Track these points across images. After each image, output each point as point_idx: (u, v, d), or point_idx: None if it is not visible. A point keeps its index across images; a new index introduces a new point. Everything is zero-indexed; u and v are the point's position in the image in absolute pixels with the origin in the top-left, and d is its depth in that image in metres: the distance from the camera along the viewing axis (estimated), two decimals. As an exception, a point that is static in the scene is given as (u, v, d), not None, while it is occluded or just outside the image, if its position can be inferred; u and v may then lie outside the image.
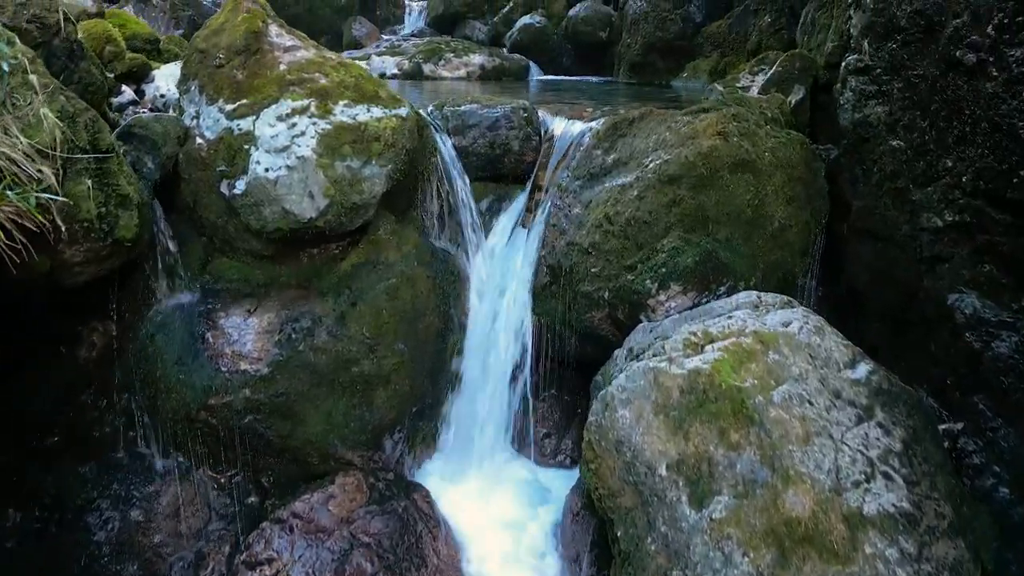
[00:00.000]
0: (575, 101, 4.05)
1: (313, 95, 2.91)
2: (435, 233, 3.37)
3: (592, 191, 3.00)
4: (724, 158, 2.78)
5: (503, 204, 3.45)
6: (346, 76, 3.03)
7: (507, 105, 3.44)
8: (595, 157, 3.10)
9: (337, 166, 2.76)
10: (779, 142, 2.94)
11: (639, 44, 5.89)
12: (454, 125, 3.39)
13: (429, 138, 3.30)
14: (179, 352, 2.62)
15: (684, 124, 2.97)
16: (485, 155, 3.40)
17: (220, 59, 3.02)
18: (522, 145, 3.40)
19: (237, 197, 2.74)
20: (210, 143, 2.84)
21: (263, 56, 3.07)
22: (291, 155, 2.72)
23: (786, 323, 2.23)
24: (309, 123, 2.81)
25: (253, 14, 3.11)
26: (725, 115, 2.93)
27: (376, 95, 3.01)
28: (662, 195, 2.76)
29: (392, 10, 8.24)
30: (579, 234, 2.92)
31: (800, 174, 2.96)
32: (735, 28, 5.11)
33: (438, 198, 3.38)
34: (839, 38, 3.17)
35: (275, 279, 2.95)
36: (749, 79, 4.00)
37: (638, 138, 3.07)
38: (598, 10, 6.63)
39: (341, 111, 2.87)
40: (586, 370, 3.16)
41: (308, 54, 3.12)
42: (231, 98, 2.92)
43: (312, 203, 2.71)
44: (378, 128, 2.87)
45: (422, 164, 3.27)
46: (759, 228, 2.81)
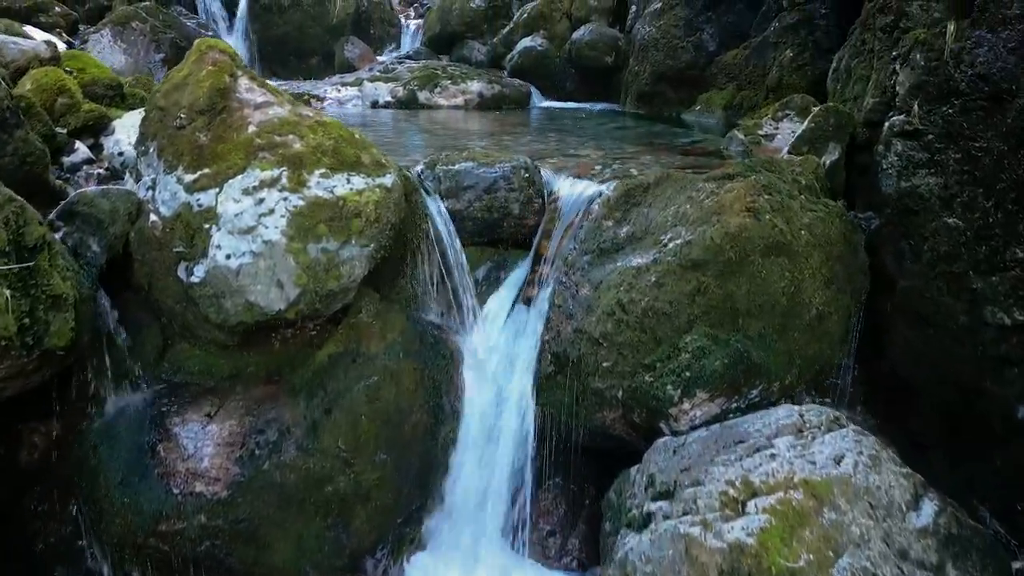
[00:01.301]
0: (580, 150, 3.69)
1: (285, 163, 2.55)
2: (426, 305, 3.01)
3: (603, 270, 2.64)
4: (755, 240, 2.42)
5: (502, 273, 3.09)
6: (324, 139, 2.67)
7: (506, 164, 3.07)
8: (606, 229, 2.74)
9: (310, 250, 2.40)
10: (816, 217, 2.58)
11: (648, 73, 5.54)
12: (448, 187, 3.03)
13: (419, 203, 2.94)
14: (124, 469, 2.27)
15: (707, 195, 2.62)
16: (482, 219, 3.04)
17: (181, 119, 2.66)
18: (523, 208, 3.04)
19: (195, 286, 2.38)
20: (166, 221, 2.48)
21: (230, 115, 2.71)
22: (257, 238, 2.36)
23: (838, 458, 1.87)
24: (279, 198, 2.45)
25: (219, 67, 2.75)
26: (754, 185, 2.57)
27: (357, 161, 2.65)
28: (684, 282, 2.40)
29: (387, 29, 7.89)
30: (588, 320, 2.56)
31: (839, 251, 2.60)
32: (752, 60, 4.75)
33: (429, 265, 3.02)
34: (881, 93, 2.81)
35: (242, 370, 2.59)
36: (772, 125, 3.65)
37: (654, 208, 2.71)
38: (603, 33, 6.27)
39: (317, 183, 2.51)
40: (595, 456, 2.82)
41: (282, 112, 2.76)
42: (192, 166, 2.56)
43: (281, 293, 2.35)
44: (359, 203, 2.51)
45: (412, 231, 2.92)
46: (795, 319, 2.45)
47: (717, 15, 5.23)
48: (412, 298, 3.00)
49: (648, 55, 5.52)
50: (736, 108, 4.82)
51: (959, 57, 2.36)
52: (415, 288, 3.02)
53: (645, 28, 5.60)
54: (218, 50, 2.85)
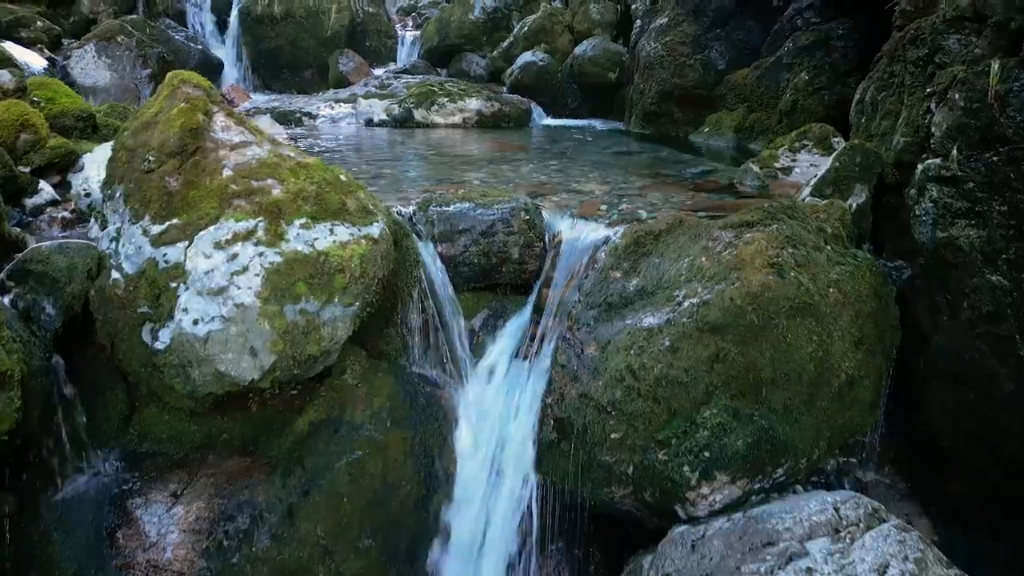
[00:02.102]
0: (583, 183, 3.46)
1: (262, 212, 2.32)
2: (417, 357, 2.79)
3: (610, 328, 2.41)
4: (780, 301, 2.19)
5: (499, 322, 2.86)
6: (306, 183, 2.44)
7: (505, 205, 2.84)
8: (613, 281, 2.51)
9: (288, 312, 2.17)
10: (845, 271, 2.35)
11: (653, 91, 5.31)
12: (442, 230, 2.80)
13: (411, 248, 2.71)
14: (79, 560, 2.04)
15: (724, 246, 2.39)
16: (478, 265, 2.81)
17: (150, 162, 2.43)
18: (523, 253, 2.82)
19: (159, 353, 2.15)
20: (129, 279, 2.25)
21: (204, 158, 2.48)
22: (228, 301, 2.13)
23: (882, 569, 1.64)
24: (254, 253, 2.22)
25: (192, 104, 2.52)
26: (777, 237, 2.34)
27: (342, 208, 2.42)
28: (701, 348, 2.17)
29: (383, 40, 7.66)
30: (595, 385, 2.33)
31: (870, 308, 2.37)
32: (765, 81, 4.52)
33: (421, 314, 2.79)
34: (913, 132, 2.58)
35: (215, 437, 2.36)
36: (790, 157, 3.42)
37: (666, 259, 2.48)
38: (607, 49, 6.05)
39: (296, 235, 2.28)
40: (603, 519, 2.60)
41: (260, 152, 2.53)
42: (159, 216, 2.33)
43: (254, 362, 2.12)
44: (342, 257, 2.28)
45: (402, 279, 2.69)
46: (823, 387, 2.22)
47: (726, 32, 5.00)
48: (402, 349, 2.78)
49: (654, 73, 5.29)
50: (747, 131, 4.60)
51: (1005, 100, 2.13)
52: (406, 338, 2.79)
53: (650, 44, 5.38)
54: (192, 84, 2.62)
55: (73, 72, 5.75)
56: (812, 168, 3.34)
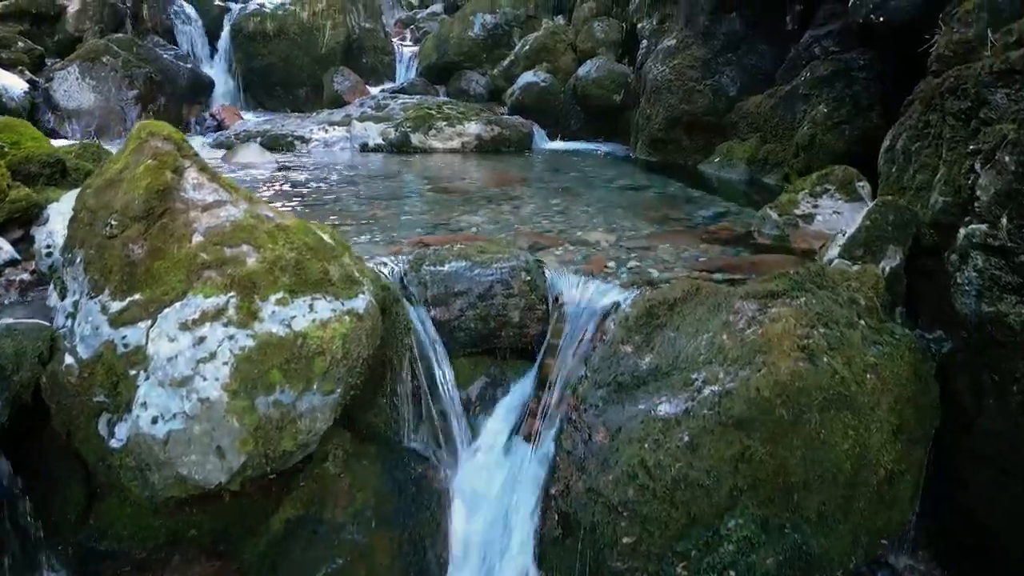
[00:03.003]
0: (588, 230, 3.22)
1: (234, 286, 2.09)
2: (408, 430, 2.55)
3: (621, 412, 2.17)
4: (812, 392, 1.95)
5: (498, 391, 2.63)
6: (285, 249, 2.21)
7: (504, 264, 2.61)
8: (623, 356, 2.27)
9: (260, 405, 1.93)
10: (882, 352, 2.11)
11: (661, 117, 5.07)
12: (435, 293, 2.57)
13: (401, 315, 2.48)
14: None
15: (748, 322, 2.15)
16: (475, 330, 2.58)
17: (112, 227, 2.20)
18: (523, 316, 2.58)
19: (116, 452, 1.91)
20: (84, 365, 2.01)
21: (172, 220, 2.24)
22: (192, 395, 1.89)
23: None
24: (224, 336, 1.98)
25: (161, 161, 2.29)
26: (806, 313, 2.11)
27: (324, 278, 2.19)
28: (725, 445, 1.94)
29: (380, 57, 7.43)
30: (604, 479, 2.09)
31: (910, 392, 2.13)
32: (779, 111, 4.28)
33: (413, 380, 2.56)
34: (954, 193, 2.34)
35: (182, 534, 2.13)
36: (811, 203, 3.18)
37: (683, 334, 2.24)
38: (612, 70, 5.82)
39: (271, 313, 2.05)
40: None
41: (235, 214, 2.29)
42: (120, 290, 2.10)
43: (221, 463, 1.89)
44: (322, 339, 2.04)
45: (392, 348, 2.46)
46: (861, 486, 1.98)
47: (737, 57, 4.77)
48: (392, 421, 2.54)
49: (661, 97, 5.05)
50: (760, 163, 4.36)
51: (1066, 167, 1.90)
52: (397, 408, 2.56)
53: (658, 67, 5.14)
54: (161, 136, 2.39)
55: (55, 95, 5.53)
56: (835, 216, 3.11)
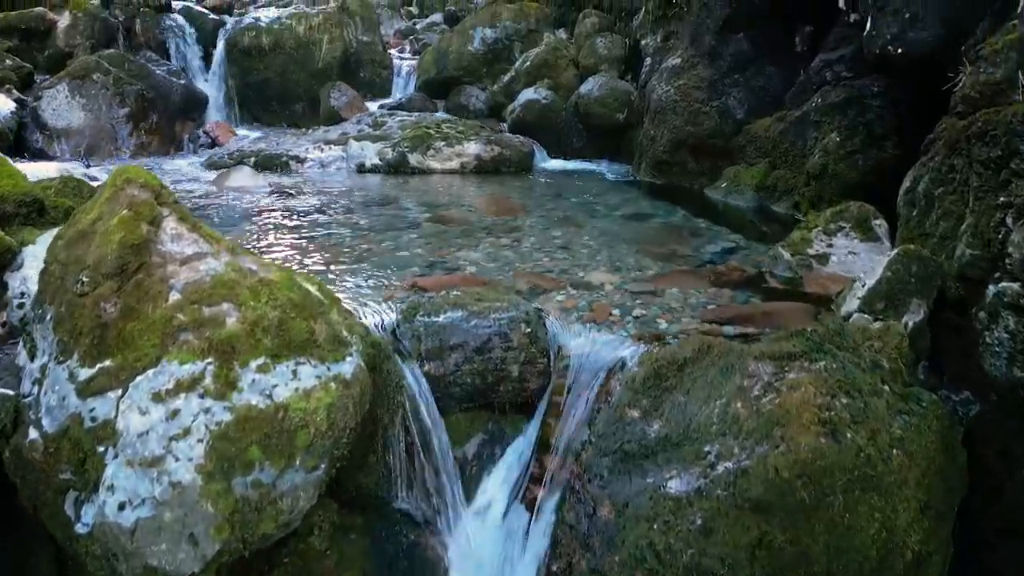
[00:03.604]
0: (591, 270, 3.08)
1: (212, 351, 1.95)
2: (400, 491, 2.41)
3: (628, 485, 2.03)
4: (835, 472, 1.81)
5: (496, 449, 2.48)
6: (268, 307, 2.06)
7: (503, 314, 2.47)
8: (630, 422, 2.13)
9: (237, 487, 1.79)
10: (909, 424, 1.97)
11: (665, 139, 4.93)
12: (430, 347, 2.42)
13: (393, 372, 2.34)
14: None
15: (763, 388, 2.00)
16: (472, 385, 2.43)
17: (83, 284, 2.06)
18: (523, 370, 2.44)
19: (81, 538, 1.77)
20: (49, 439, 1.87)
21: (148, 276, 2.10)
22: (164, 477, 1.75)
23: None
24: (199, 410, 1.84)
25: (136, 212, 2.14)
26: (826, 381, 1.96)
27: (309, 339, 2.04)
28: (741, 530, 1.79)
29: (378, 71, 7.28)
30: (610, 560, 1.95)
31: (938, 464, 1.99)
32: (789, 137, 4.13)
33: (405, 437, 2.42)
34: (983, 246, 2.20)
35: (158, 615, 1.98)
36: (824, 242, 3.04)
37: (693, 399, 2.09)
38: (615, 88, 5.68)
39: (251, 383, 1.90)
40: None
41: (216, 267, 2.15)
42: (90, 355, 1.96)
43: (194, 551, 1.74)
44: (305, 410, 1.90)
45: (382, 407, 2.32)
46: (887, 571, 1.84)
47: (745, 78, 4.62)
48: (384, 480, 2.40)
49: (666, 119, 4.91)
50: (769, 190, 4.21)
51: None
52: (389, 467, 2.41)
53: (662, 87, 4.99)
54: (137, 184, 2.24)
55: (44, 114, 5.40)
56: (851, 257, 2.96)
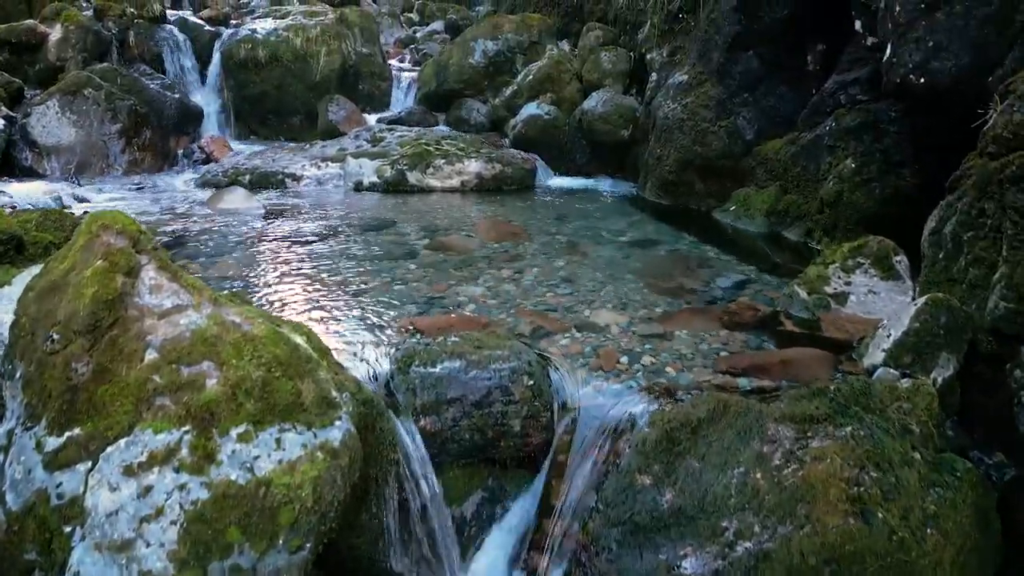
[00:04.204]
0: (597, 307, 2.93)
1: (190, 418, 1.81)
2: (394, 551, 2.26)
3: (639, 561, 1.88)
4: (866, 557, 1.66)
5: (496, 508, 2.33)
6: (251, 366, 1.92)
7: (504, 364, 2.32)
8: (640, 489, 1.98)
9: (214, 572, 1.64)
10: (943, 498, 1.82)
11: (672, 158, 4.79)
12: (426, 401, 2.28)
13: (387, 430, 2.19)
14: None
15: (784, 456, 1.86)
16: (470, 441, 2.29)
17: (54, 341, 1.92)
18: (525, 424, 2.29)
19: (45, 630, 1.63)
20: (12, 517, 1.73)
21: (124, 332, 1.96)
22: (133, 565, 1.60)
23: None
24: (173, 486, 1.70)
25: (112, 262, 2.00)
26: (854, 451, 1.82)
27: (295, 402, 1.90)
28: (761, 621, 1.65)
29: (377, 83, 7.14)
30: (618, 644, 1.81)
31: (973, 540, 1.84)
32: (802, 160, 3.99)
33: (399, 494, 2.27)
34: (1018, 299, 2.05)
35: None
36: (843, 279, 2.89)
37: (709, 465, 1.95)
38: (619, 104, 5.54)
39: (231, 454, 1.76)
40: None
41: (197, 320, 2.01)
42: (58, 422, 1.82)
43: (168, 647, 1.60)
44: (289, 485, 1.75)
45: (375, 466, 2.17)
46: (920, 665, 1.69)
47: (755, 98, 4.47)
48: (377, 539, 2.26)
49: (672, 138, 4.76)
50: (781, 215, 4.06)
51: None
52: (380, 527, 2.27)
53: (669, 105, 4.85)
54: (114, 231, 2.10)
55: (33, 131, 5.26)
56: (871, 296, 2.82)
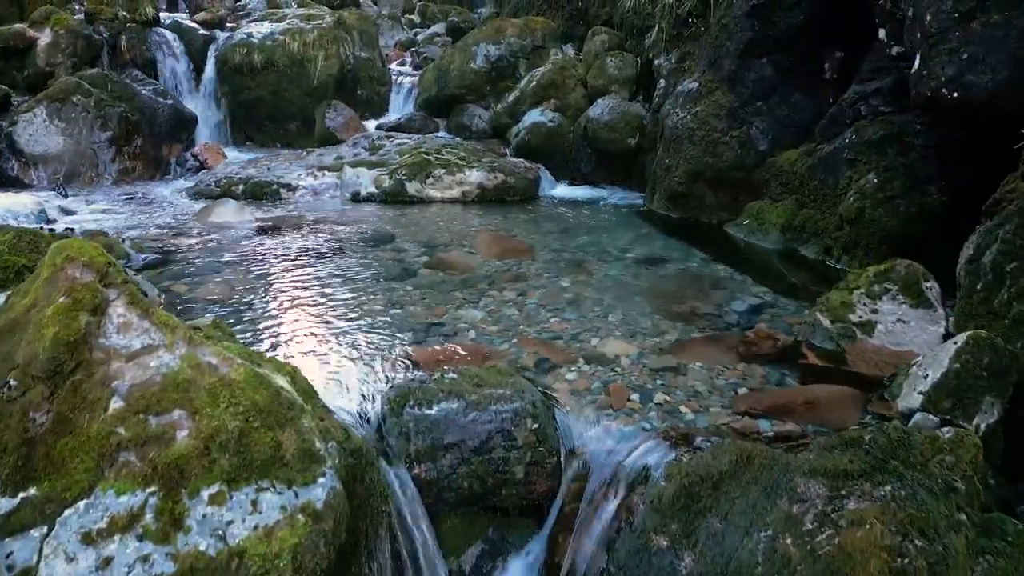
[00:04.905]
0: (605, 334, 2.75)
1: (156, 477, 1.63)
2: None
3: (653, 635, 1.70)
4: (912, 643, 1.47)
5: (497, 561, 2.15)
6: (227, 415, 1.74)
7: (505, 405, 2.14)
8: (656, 552, 1.80)
9: (180, 660, 1.47)
10: (994, 568, 1.63)
11: (681, 169, 4.60)
12: (420, 447, 2.10)
13: (378, 481, 2.01)
14: None
15: (817, 518, 1.68)
16: (469, 489, 2.11)
17: (10, 388, 1.74)
18: (529, 471, 2.11)
19: None
20: (-43, 591, 1.55)
21: (88, 376, 1.79)
22: (88, 653, 1.43)
23: None
24: (135, 558, 1.52)
25: (76, 299, 1.83)
26: (895, 515, 1.63)
27: (275, 456, 1.72)
28: None
29: (376, 88, 6.96)
30: None
31: (1026, 613, 1.65)
32: (819, 173, 3.80)
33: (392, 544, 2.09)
34: (1074, 340, 1.87)
35: None
36: (868, 306, 2.71)
37: (732, 526, 1.76)
38: (626, 112, 5.35)
39: (201, 519, 1.58)
40: None
41: (169, 362, 1.83)
42: (13, 480, 1.64)
43: None
44: (266, 556, 1.57)
45: (365, 519, 1.99)
46: None
47: (769, 107, 4.28)
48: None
49: (682, 148, 4.57)
50: (797, 231, 3.87)
51: None
52: None
53: (678, 113, 4.66)
54: (80, 263, 1.92)
55: (19, 140, 5.09)
56: (900, 325, 2.63)
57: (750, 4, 4.24)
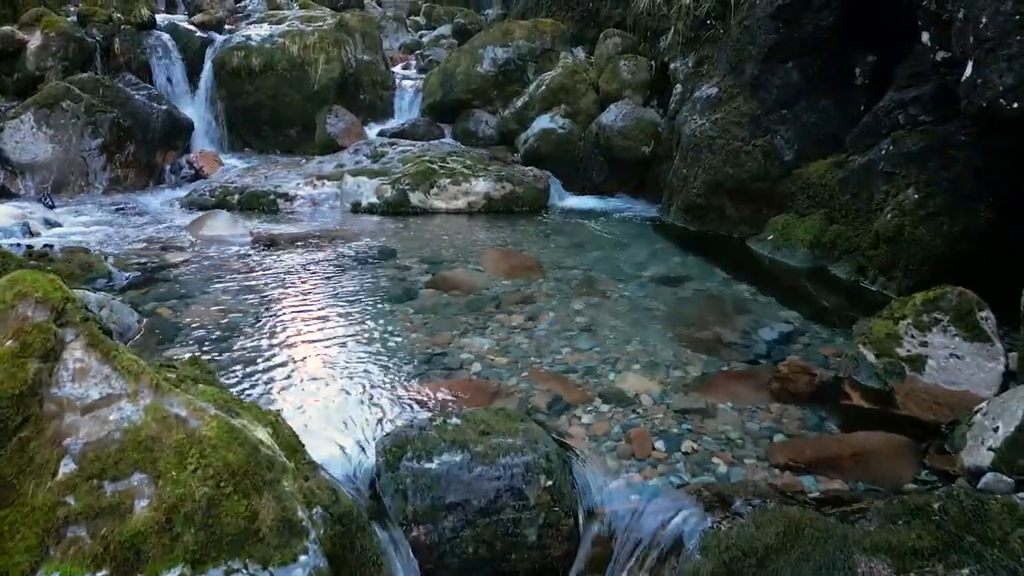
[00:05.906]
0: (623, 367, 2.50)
1: (109, 559, 1.40)
2: None
3: None
4: None
5: (508, 635, 1.91)
6: (194, 479, 1.51)
7: (516, 459, 1.89)
8: (691, 639, 1.55)
9: None
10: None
11: (700, 180, 4.35)
12: (419, 507, 1.85)
13: (369, 548, 1.76)
14: None
15: (884, 610, 1.42)
16: (474, 555, 1.86)
17: (-56, 447, 1.51)
18: (543, 534, 1.86)
19: None
20: None
21: (38, 433, 1.56)
22: None
23: None
24: (79, 663, 1.28)
25: (24, 343, 1.59)
26: (979, 609, 1.37)
27: (248, 528, 1.48)
28: None
29: (379, 92, 6.72)
30: None
31: None
32: (851, 187, 3.54)
33: (391, 612, 1.84)
34: None
35: None
36: (917, 339, 2.46)
37: (780, 612, 1.51)
38: (640, 119, 5.11)
39: (158, 616, 1.34)
40: None
41: (131, 415, 1.59)
42: (-59, 561, 1.41)
43: None
44: (235, 658, 1.33)
45: (356, 587, 1.75)
46: None
47: (794, 114, 4.03)
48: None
49: (701, 157, 4.32)
50: (827, 248, 3.61)
51: None
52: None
53: (696, 120, 4.41)
54: (33, 300, 1.69)
55: (6, 148, 4.88)
56: (953, 361, 2.37)
57: (775, 5, 3.99)
